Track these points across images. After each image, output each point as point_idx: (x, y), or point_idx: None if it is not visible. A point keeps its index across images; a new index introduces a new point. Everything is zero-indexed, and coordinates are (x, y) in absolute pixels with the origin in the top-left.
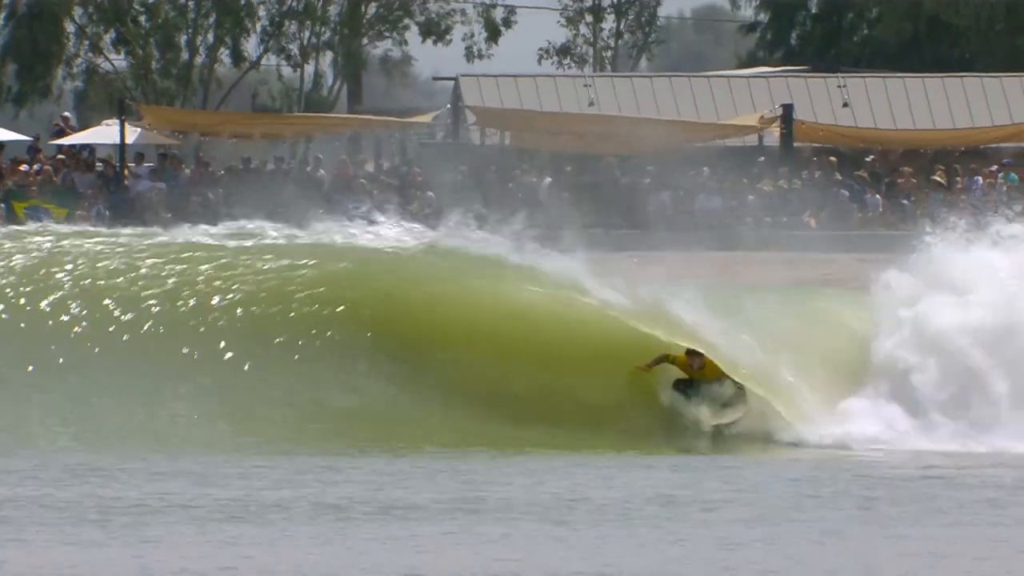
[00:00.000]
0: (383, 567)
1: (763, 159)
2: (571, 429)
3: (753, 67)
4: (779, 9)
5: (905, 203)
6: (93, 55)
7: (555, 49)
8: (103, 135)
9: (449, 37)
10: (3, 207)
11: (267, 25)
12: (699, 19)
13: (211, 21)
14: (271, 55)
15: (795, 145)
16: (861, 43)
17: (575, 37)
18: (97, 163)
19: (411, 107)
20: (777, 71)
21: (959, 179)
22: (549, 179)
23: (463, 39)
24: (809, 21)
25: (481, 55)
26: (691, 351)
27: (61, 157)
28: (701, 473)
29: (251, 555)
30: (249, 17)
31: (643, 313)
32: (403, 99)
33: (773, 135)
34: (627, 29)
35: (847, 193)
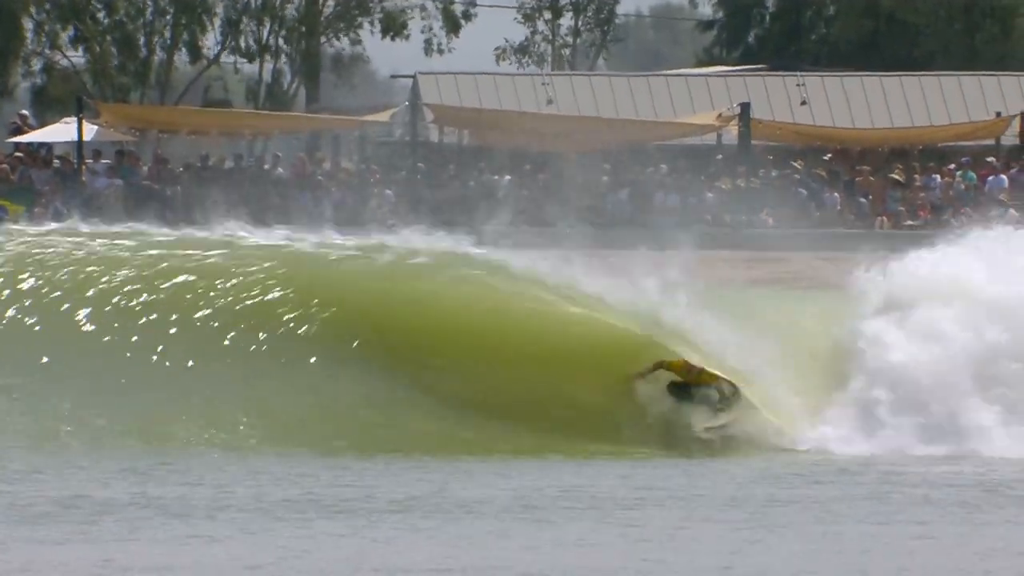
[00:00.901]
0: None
1: (721, 157)
2: (572, 434)
3: (711, 65)
4: (737, 7)
5: (863, 201)
6: (51, 52)
7: (513, 48)
8: (61, 132)
9: (407, 32)
10: None
11: (224, 22)
12: (657, 17)
13: (168, 18)
14: (228, 52)
15: (753, 143)
16: (819, 41)
17: (533, 35)
18: (55, 160)
19: (369, 105)
20: (735, 70)
21: (917, 177)
22: (508, 177)
23: (422, 32)
24: (767, 19)
25: (441, 50)
26: (686, 360)
27: (18, 155)
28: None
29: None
30: (206, 13)
31: (637, 315)
32: (361, 97)
33: (731, 133)
34: (585, 27)
35: (805, 191)
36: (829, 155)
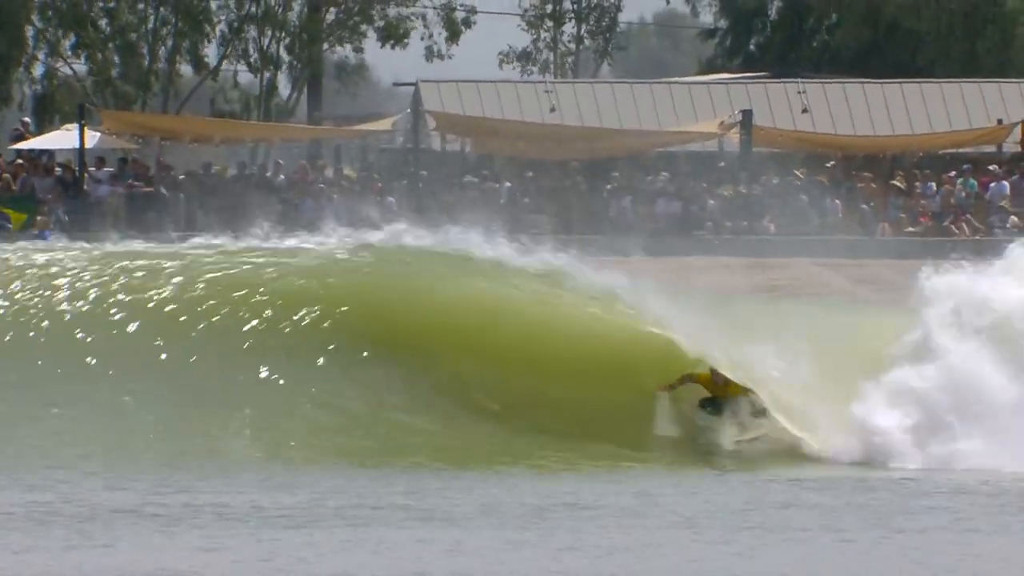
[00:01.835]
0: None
1: (723, 164)
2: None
3: (713, 73)
4: (739, 15)
5: (864, 208)
6: (53, 60)
7: (516, 55)
8: (62, 140)
9: (407, 41)
10: None
11: (226, 31)
12: (660, 25)
13: (171, 28)
14: (231, 60)
15: (754, 150)
16: (820, 49)
17: (536, 41)
18: (56, 168)
19: (371, 112)
20: (737, 77)
21: (918, 184)
22: (508, 184)
23: (422, 39)
24: (769, 27)
25: (441, 55)
26: (714, 369)
27: (20, 162)
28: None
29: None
30: (208, 22)
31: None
32: (363, 104)
33: (733, 141)
34: (588, 34)
35: (806, 198)
36: (831, 162)
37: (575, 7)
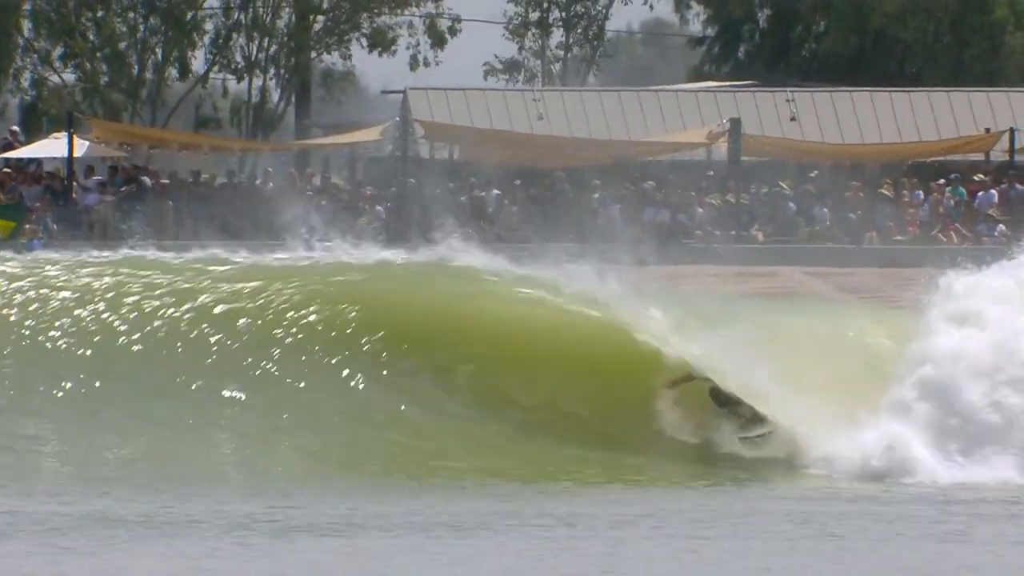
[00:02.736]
0: None
1: (712, 173)
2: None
3: (701, 81)
4: (727, 23)
5: (852, 216)
6: (42, 69)
7: (502, 65)
8: (51, 148)
9: (395, 49)
10: None
11: (215, 39)
12: (647, 33)
13: (159, 38)
14: (218, 69)
15: (743, 159)
16: (809, 57)
17: (521, 50)
18: (44, 176)
19: (359, 121)
20: (725, 86)
21: (906, 192)
22: (496, 192)
23: (407, 48)
24: (757, 35)
25: (427, 63)
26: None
27: (8, 171)
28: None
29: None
30: (196, 31)
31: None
32: (351, 112)
33: (721, 149)
34: (575, 43)
35: (794, 206)
36: (815, 172)
37: (563, 15)
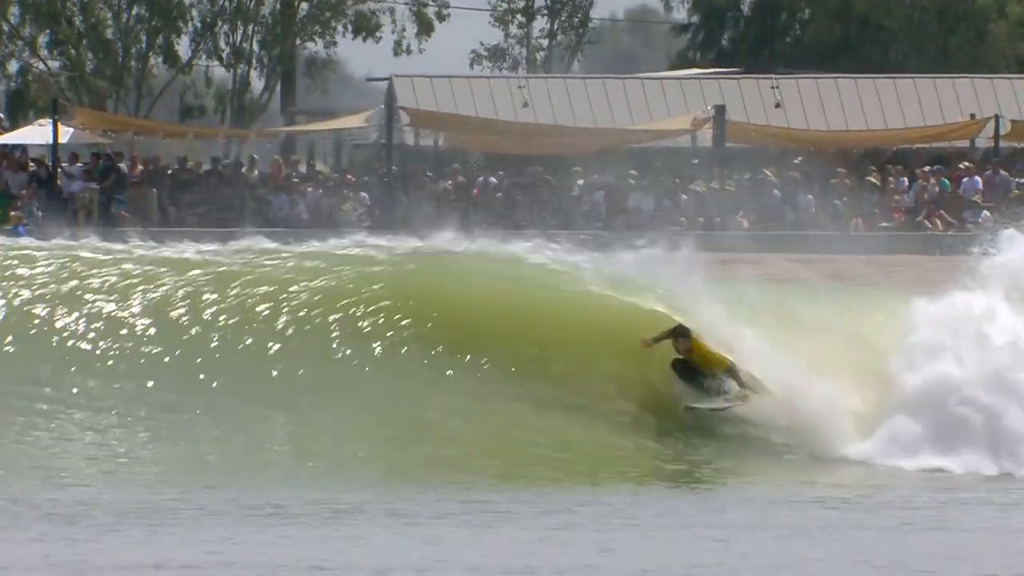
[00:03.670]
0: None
1: (696, 162)
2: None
3: (685, 68)
4: (711, 10)
5: (837, 203)
6: (28, 56)
7: (488, 54)
8: (36, 135)
9: (379, 34)
10: None
11: (199, 26)
12: (632, 20)
13: (144, 24)
14: (202, 57)
15: (727, 146)
16: (793, 44)
17: (506, 37)
18: (30, 163)
19: (344, 108)
20: (710, 72)
21: (891, 179)
22: (480, 179)
23: (392, 33)
24: (741, 22)
25: (410, 50)
26: (680, 331)
27: None
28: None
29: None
30: (181, 18)
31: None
32: (336, 99)
33: (706, 136)
34: (560, 30)
35: (779, 193)
36: (799, 159)
37: (548, 3)
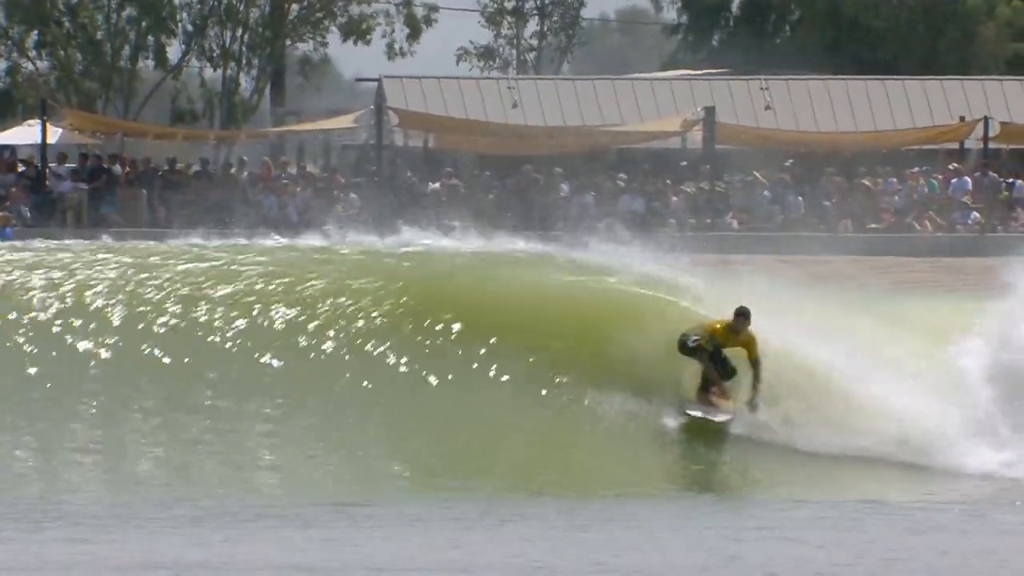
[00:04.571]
0: None
1: (685, 164)
2: None
3: (675, 69)
4: (701, 11)
5: (827, 204)
6: (16, 56)
7: (476, 52)
8: (24, 135)
9: (369, 37)
10: None
11: (189, 27)
12: (622, 21)
13: (134, 25)
14: (192, 58)
15: (717, 147)
16: (783, 46)
17: (496, 37)
18: (19, 164)
19: (334, 108)
20: (700, 74)
21: (880, 180)
22: (470, 180)
23: (383, 36)
24: (731, 23)
25: (403, 52)
26: (742, 311)
27: None
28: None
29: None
30: (171, 19)
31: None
32: (326, 100)
33: (696, 138)
34: (550, 31)
35: (769, 195)
36: (790, 160)
37: (539, 3)
